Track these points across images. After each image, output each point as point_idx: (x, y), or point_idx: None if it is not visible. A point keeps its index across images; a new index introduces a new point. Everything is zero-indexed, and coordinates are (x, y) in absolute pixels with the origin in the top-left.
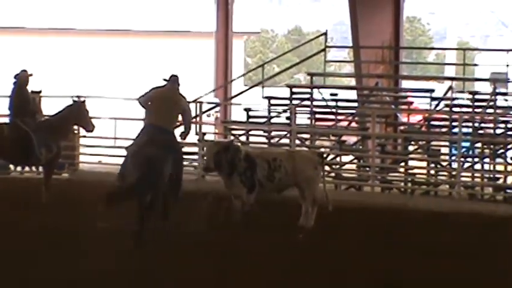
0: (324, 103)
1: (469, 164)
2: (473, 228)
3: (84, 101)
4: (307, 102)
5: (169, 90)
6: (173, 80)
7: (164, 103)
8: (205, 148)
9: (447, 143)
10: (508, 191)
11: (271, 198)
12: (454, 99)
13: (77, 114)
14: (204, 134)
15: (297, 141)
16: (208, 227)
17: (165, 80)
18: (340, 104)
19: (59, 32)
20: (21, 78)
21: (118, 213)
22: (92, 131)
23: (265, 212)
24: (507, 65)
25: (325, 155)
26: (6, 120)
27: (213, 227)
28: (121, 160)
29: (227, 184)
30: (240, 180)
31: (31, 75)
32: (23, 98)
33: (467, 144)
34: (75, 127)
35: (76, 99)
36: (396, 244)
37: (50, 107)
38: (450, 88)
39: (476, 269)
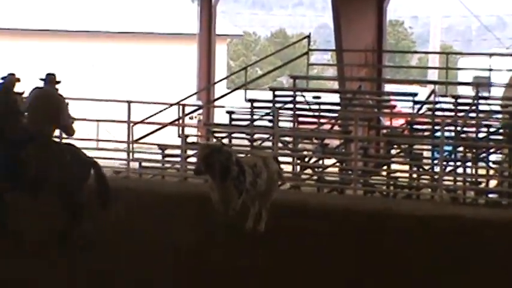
0: (306, 106)
1: (451, 167)
2: (455, 231)
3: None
4: (290, 105)
5: (45, 91)
6: (49, 79)
7: (41, 105)
8: (188, 151)
9: (430, 147)
10: (490, 195)
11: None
12: (436, 103)
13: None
14: (187, 136)
15: (280, 144)
16: (191, 230)
17: (41, 79)
18: (323, 107)
19: (41, 34)
20: (8, 82)
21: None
22: (72, 135)
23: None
24: (490, 69)
25: (307, 158)
26: None
27: (196, 231)
28: (104, 162)
29: (220, 188)
30: (233, 185)
31: (18, 79)
32: (9, 102)
33: (449, 148)
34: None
35: None
36: (377, 247)
37: None
38: (433, 92)
39: (458, 273)
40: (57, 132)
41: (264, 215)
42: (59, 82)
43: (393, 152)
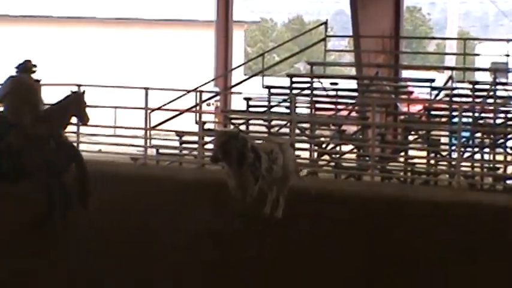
0: (324, 92)
1: (469, 153)
2: (472, 218)
3: (83, 92)
4: (307, 92)
5: (21, 79)
6: (24, 67)
7: (19, 94)
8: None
9: (447, 133)
10: (508, 181)
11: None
12: (454, 89)
13: (73, 104)
14: (204, 123)
15: (297, 131)
16: (209, 217)
17: (16, 67)
18: (340, 93)
19: (58, 20)
20: (24, 68)
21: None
22: (86, 123)
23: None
24: (507, 55)
25: (324, 145)
26: None
27: (214, 217)
28: (121, 149)
29: (236, 175)
30: (250, 171)
31: (35, 65)
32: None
33: (467, 134)
34: None
35: (75, 90)
36: (394, 234)
37: (51, 96)
38: (450, 78)
39: (475, 260)
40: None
41: (281, 201)
42: (35, 68)
43: (410, 138)
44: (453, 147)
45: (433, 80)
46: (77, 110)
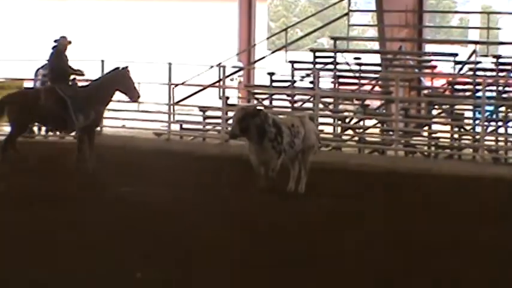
0: (347, 67)
1: (493, 127)
2: (496, 191)
3: (127, 68)
4: (331, 67)
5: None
6: (61, 42)
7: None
8: (229, 113)
9: (471, 107)
10: None
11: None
12: (477, 63)
13: (120, 80)
14: (227, 98)
15: (320, 106)
16: (232, 192)
17: (54, 42)
18: (363, 68)
19: None
20: (61, 45)
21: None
22: (136, 100)
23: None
24: None
25: (348, 119)
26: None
27: (238, 193)
28: (144, 124)
29: (257, 151)
30: (271, 146)
31: (70, 42)
32: (62, 64)
33: (491, 108)
34: None
35: (120, 66)
36: (419, 208)
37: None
38: (474, 52)
39: (500, 233)
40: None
41: (304, 175)
42: (70, 43)
43: (434, 112)
44: (477, 122)
45: (456, 54)
46: (124, 86)
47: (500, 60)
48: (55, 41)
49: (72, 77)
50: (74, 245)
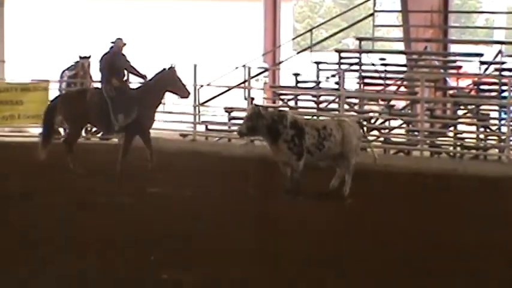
0: (372, 68)
1: None
2: None
3: (174, 67)
4: (356, 67)
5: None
6: (117, 44)
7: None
8: None
9: (496, 107)
10: None
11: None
12: (503, 63)
13: (168, 81)
14: (253, 99)
15: (346, 106)
16: (258, 192)
17: (111, 43)
18: (388, 68)
19: None
20: (116, 46)
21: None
22: (187, 97)
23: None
24: None
25: (373, 120)
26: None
27: (264, 194)
28: (168, 125)
29: (273, 150)
30: (287, 147)
31: (125, 44)
32: (113, 66)
33: None
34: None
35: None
36: (445, 209)
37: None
38: (500, 52)
39: None
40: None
41: (348, 178)
42: (125, 45)
43: (460, 112)
44: (502, 122)
45: (482, 55)
46: (173, 86)
47: None
48: (112, 42)
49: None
50: (98, 245)
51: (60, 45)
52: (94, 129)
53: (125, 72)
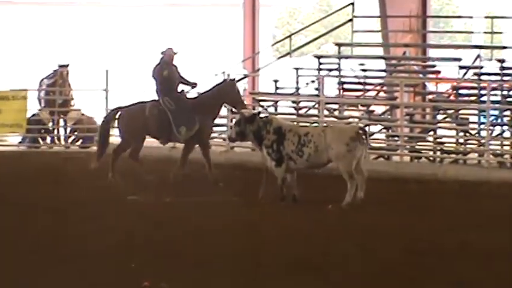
0: (352, 73)
1: (498, 132)
2: (502, 196)
3: (234, 80)
4: (335, 73)
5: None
6: (167, 53)
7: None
8: (234, 120)
9: (476, 112)
10: None
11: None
12: (482, 67)
13: (228, 93)
14: (262, 106)
15: (326, 112)
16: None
17: (161, 53)
18: (368, 73)
19: (87, 3)
20: (167, 56)
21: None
22: (239, 109)
23: (308, 186)
24: None
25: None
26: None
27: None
28: None
29: (262, 156)
30: (267, 152)
31: (176, 53)
32: (168, 77)
33: (495, 112)
34: None
35: (227, 78)
36: (426, 213)
37: (78, 80)
38: (478, 56)
39: (506, 238)
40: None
41: (349, 185)
42: (176, 54)
43: (439, 117)
44: (482, 126)
45: (460, 59)
46: (231, 99)
47: (504, 64)
48: (162, 53)
49: (180, 88)
50: (78, 253)
51: (39, 54)
52: (73, 138)
53: (179, 82)
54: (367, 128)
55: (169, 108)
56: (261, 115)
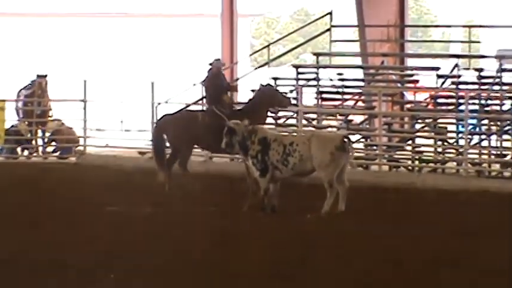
0: (330, 83)
1: (476, 141)
2: (480, 204)
3: (269, 84)
4: (314, 82)
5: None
6: (215, 65)
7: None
8: None
9: (454, 121)
10: None
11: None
12: (460, 76)
13: (271, 96)
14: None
15: (304, 122)
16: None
17: (209, 64)
18: (346, 83)
19: (62, 15)
20: (215, 67)
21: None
22: (287, 106)
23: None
24: None
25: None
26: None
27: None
28: (127, 143)
29: (249, 166)
30: (252, 163)
31: (224, 64)
32: (217, 87)
33: (474, 121)
34: None
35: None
36: (404, 222)
37: (56, 90)
38: (456, 65)
39: (484, 246)
40: None
41: (328, 194)
42: (223, 66)
43: (417, 126)
44: (460, 135)
45: (438, 68)
46: (274, 102)
47: (482, 73)
48: (210, 64)
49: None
50: (56, 264)
51: (16, 65)
52: (51, 148)
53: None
54: None
55: (226, 114)
56: (246, 125)
